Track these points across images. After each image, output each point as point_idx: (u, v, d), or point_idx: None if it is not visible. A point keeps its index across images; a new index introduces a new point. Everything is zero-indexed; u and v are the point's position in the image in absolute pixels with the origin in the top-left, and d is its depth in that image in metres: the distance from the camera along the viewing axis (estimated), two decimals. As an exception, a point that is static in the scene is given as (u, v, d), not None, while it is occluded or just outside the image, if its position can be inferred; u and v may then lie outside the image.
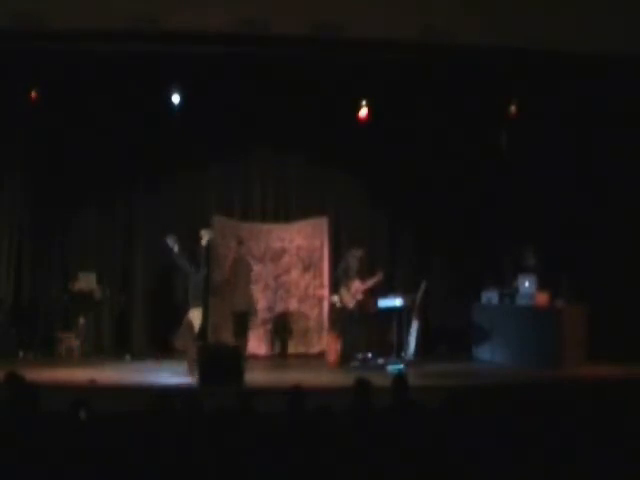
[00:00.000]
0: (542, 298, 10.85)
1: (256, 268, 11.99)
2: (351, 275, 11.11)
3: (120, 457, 4.18)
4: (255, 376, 9.05)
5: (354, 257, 11.17)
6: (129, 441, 4.40)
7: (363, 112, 11.91)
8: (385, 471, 4.20)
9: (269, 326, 12.15)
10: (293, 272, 12.30)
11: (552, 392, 7.33)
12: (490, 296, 11.58)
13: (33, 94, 11.16)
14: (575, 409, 5.02)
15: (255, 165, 12.35)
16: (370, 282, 11.10)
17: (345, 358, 10.97)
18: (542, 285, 10.94)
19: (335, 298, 11.38)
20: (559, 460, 4.25)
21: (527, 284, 11.05)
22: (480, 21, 10.04)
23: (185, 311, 10.04)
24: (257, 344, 11.95)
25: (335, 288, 11.56)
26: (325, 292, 12.15)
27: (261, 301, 12.06)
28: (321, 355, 11.81)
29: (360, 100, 11.86)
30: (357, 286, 11.05)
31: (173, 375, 9.53)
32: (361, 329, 11.46)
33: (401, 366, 10.19)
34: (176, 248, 10.07)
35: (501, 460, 4.24)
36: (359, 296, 11.06)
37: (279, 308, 12.23)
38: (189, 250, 11.56)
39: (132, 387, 8.64)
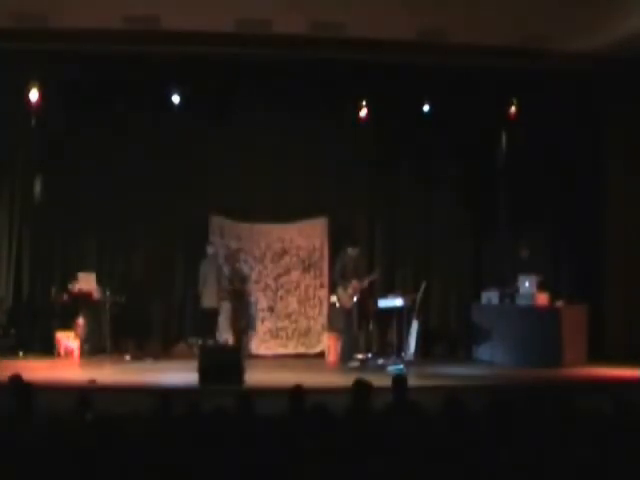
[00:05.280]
0: (542, 298, 10.84)
1: (256, 268, 12.12)
2: (348, 275, 11.05)
3: (120, 457, 4.18)
4: (255, 376, 9.04)
5: (349, 257, 11.13)
6: (128, 441, 4.40)
7: (363, 112, 11.92)
8: (385, 471, 4.19)
9: (269, 326, 12.16)
10: (293, 272, 12.31)
11: (552, 392, 7.32)
12: (490, 296, 11.56)
13: (34, 94, 11.16)
14: (575, 409, 5.03)
15: (255, 165, 12.32)
16: (366, 280, 11.08)
17: (345, 358, 10.98)
18: (542, 285, 10.93)
19: (334, 298, 11.38)
20: (558, 460, 4.25)
21: (527, 284, 11.03)
22: (480, 21, 10.03)
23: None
24: (257, 344, 11.99)
25: (333, 288, 11.56)
26: (325, 292, 12.16)
27: (261, 301, 12.11)
28: (321, 355, 11.84)
29: (360, 100, 11.86)
30: (354, 286, 11.00)
31: (173, 375, 9.53)
32: (361, 329, 11.46)
33: (401, 366, 10.18)
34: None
35: (501, 460, 4.24)
36: (357, 295, 11.03)
37: (279, 308, 12.24)
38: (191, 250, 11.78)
39: (132, 387, 8.64)
